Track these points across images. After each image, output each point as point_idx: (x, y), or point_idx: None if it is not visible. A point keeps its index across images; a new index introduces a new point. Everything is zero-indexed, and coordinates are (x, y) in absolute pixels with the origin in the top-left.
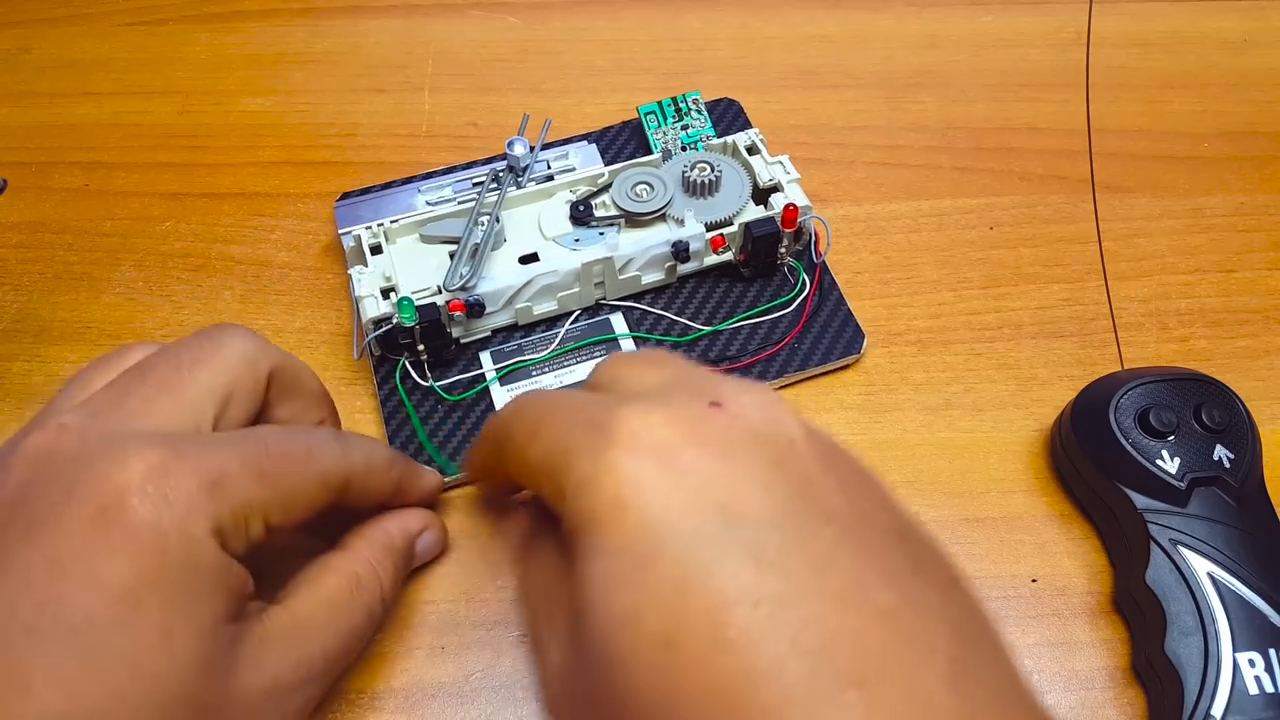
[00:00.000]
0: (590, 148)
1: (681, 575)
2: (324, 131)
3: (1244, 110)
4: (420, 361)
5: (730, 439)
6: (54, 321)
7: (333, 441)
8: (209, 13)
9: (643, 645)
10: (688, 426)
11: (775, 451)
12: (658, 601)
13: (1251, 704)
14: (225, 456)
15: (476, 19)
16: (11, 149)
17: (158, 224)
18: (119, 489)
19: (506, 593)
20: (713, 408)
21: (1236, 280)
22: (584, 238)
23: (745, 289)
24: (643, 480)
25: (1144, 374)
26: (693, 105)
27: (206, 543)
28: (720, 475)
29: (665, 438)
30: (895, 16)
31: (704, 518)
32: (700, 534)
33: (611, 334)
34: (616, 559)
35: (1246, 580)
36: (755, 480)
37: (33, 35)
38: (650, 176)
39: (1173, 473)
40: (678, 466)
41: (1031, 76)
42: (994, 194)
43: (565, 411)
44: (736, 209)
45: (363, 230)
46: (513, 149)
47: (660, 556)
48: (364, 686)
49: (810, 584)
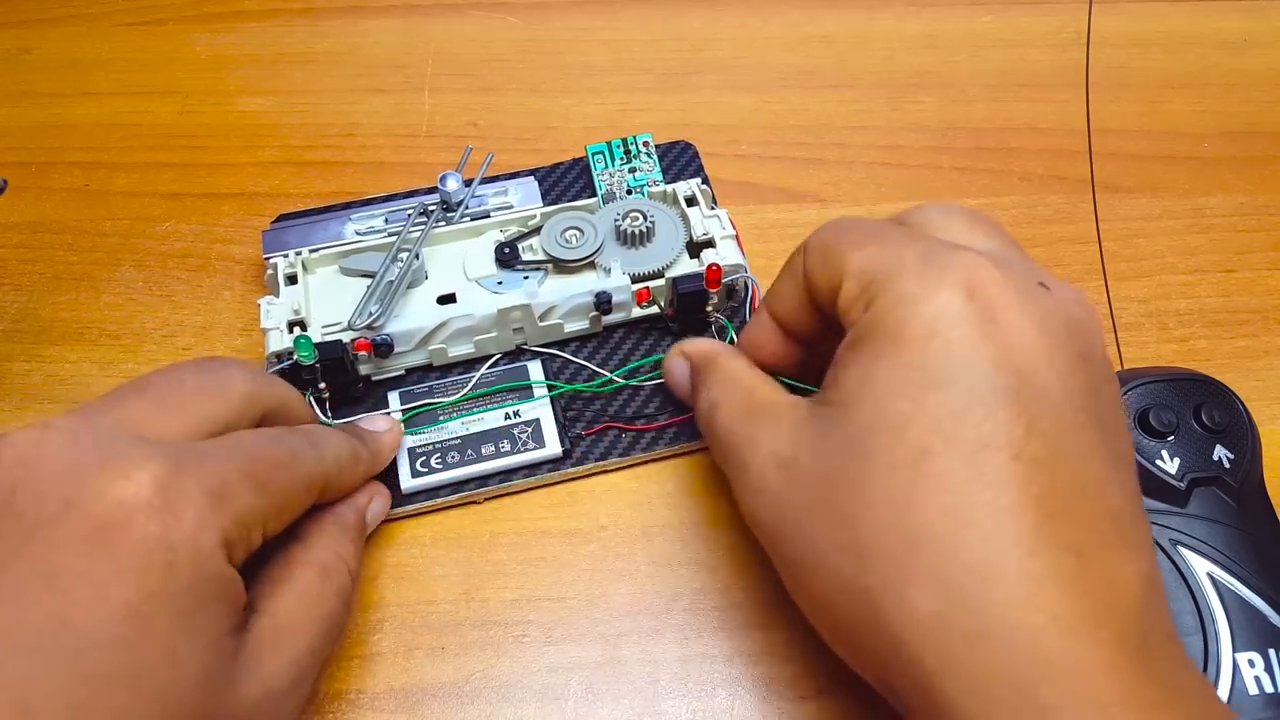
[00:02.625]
0: (532, 185)
1: (961, 407)
2: (324, 131)
3: (1244, 110)
4: (323, 398)
5: (1050, 320)
6: (54, 321)
7: (308, 444)
8: (209, 13)
9: (901, 449)
10: (1017, 294)
11: (1081, 347)
12: (930, 419)
13: (1251, 704)
14: (225, 467)
15: (476, 19)
16: (11, 149)
17: (158, 224)
18: (124, 504)
19: (507, 593)
20: (1041, 287)
21: (1236, 280)
22: (508, 281)
23: (676, 339)
24: (961, 319)
25: (1144, 374)
26: (643, 148)
27: (215, 557)
28: (1030, 345)
29: (995, 294)
30: (895, 16)
31: (1002, 373)
32: (993, 383)
33: (527, 380)
34: (909, 372)
35: (1246, 580)
36: (1056, 364)
37: (33, 35)
38: (582, 222)
39: (1172, 473)
40: (998, 323)
41: (1031, 76)
42: (994, 194)
43: (901, 235)
44: (667, 261)
45: (280, 259)
46: (445, 183)
47: (949, 386)
48: (364, 687)
49: (1066, 466)
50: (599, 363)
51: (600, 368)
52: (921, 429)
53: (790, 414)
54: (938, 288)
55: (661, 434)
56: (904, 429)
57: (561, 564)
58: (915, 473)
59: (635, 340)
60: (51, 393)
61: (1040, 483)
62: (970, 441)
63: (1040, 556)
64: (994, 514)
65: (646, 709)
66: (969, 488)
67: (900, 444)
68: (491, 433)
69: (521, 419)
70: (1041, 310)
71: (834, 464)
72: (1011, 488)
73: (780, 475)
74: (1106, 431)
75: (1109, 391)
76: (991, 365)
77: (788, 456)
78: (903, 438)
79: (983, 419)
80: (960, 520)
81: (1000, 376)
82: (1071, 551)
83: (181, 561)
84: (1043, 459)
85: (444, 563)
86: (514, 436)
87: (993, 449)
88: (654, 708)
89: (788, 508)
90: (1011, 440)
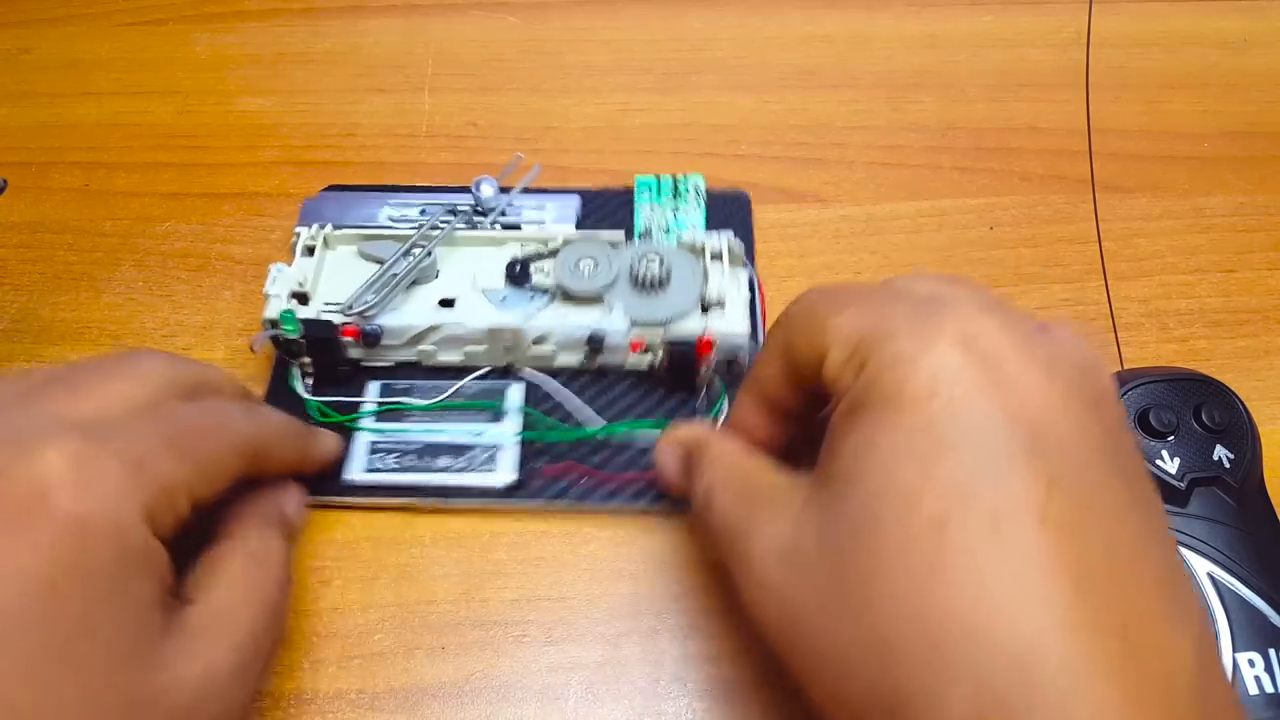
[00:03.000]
0: (572, 205)
1: (975, 471)
2: (324, 131)
3: (1244, 110)
4: (308, 373)
5: (1056, 365)
6: (54, 321)
7: (241, 413)
8: (209, 13)
9: (915, 523)
10: (1018, 340)
11: (1094, 392)
12: (944, 487)
13: (1251, 704)
14: (142, 436)
15: (476, 19)
16: (11, 149)
17: (158, 224)
18: (38, 481)
19: (507, 593)
20: (1039, 331)
21: (1236, 280)
22: (512, 298)
23: (665, 396)
24: (963, 373)
25: (1144, 374)
26: (693, 190)
27: (136, 528)
28: (1040, 394)
29: (995, 344)
30: (895, 16)
31: (1014, 427)
32: (1005, 439)
33: (501, 403)
34: (912, 435)
35: (1246, 580)
36: (1071, 412)
37: (33, 35)
38: (601, 254)
39: (1173, 473)
40: (1002, 373)
41: (1031, 76)
42: (994, 194)
43: (884, 294)
44: (676, 314)
45: (303, 229)
46: (479, 189)
47: (959, 447)
48: (364, 686)
49: (1098, 527)
50: (585, 400)
51: (586, 405)
52: (934, 498)
53: (790, 495)
54: (934, 342)
55: (628, 489)
56: (914, 500)
57: (561, 564)
58: (932, 549)
59: (627, 385)
60: None
61: (1072, 550)
62: (989, 507)
63: (1081, 639)
64: (1025, 592)
65: (646, 709)
66: (994, 562)
67: (912, 517)
68: (452, 446)
69: (483, 440)
70: (1047, 355)
71: (841, 547)
72: (1041, 559)
73: (784, 568)
74: (1133, 484)
75: (1128, 439)
76: (1001, 420)
77: (790, 545)
78: (914, 510)
79: (1000, 481)
80: (990, 603)
81: (1012, 430)
82: (1115, 632)
83: (98, 534)
84: (1070, 522)
85: (444, 563)
86: (471, 455)
87: (1015, 514)
88: (654, 708)
89: (796, 604)
90: (1034, 502)
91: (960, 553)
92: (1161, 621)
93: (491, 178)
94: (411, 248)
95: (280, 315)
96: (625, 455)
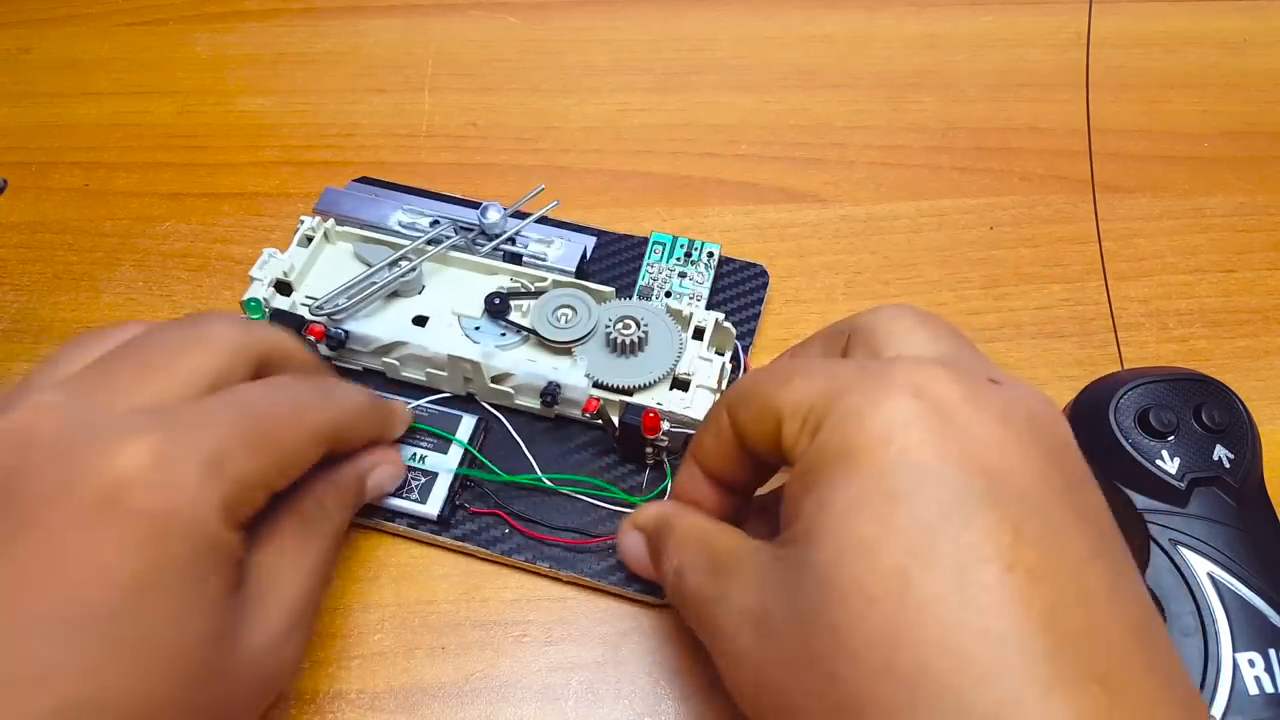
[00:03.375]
0: (581, 245)
1: (935, 519)
2: (324, 131)
3: (1244, 110)
4: None
5: (1010, 414)
6: (54, 321)
7: (317, 394)
8: (209, 13)
9: (875, 578)
10: (969, 390)
11: (1051, 442)
12: (902, 538)
13: (1251, 704)
14: (222, 431)
15: (476, 19)
16: (11, 149)
17: (158, 224)
18: (119, 479)
19: (507, 593)
20: (991, 383)
21: (1236, 280)
22: (485, 330)
23: (617, 462)
24: (915, 422)
25: (1144, 374)
26: (705, 257)
27: (214, 523)
28: (996, 442)
29: (945, 393)
30: (895, 16)
31: (971, 474)
32: (963, 486)
33: (452, 434)
34: (868, 487)
35: (1246, 580)
36: (1028, 459)
37: (33, 35)
38: (583, 305)
39: (1173, 473)
40: (955, 420)
41: (1031, 76)
42: (994, 194)
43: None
44: (642, 382)
45: (306, 218)
46: (485, 213)
47: (917, 497)
48: (364, 686)
49: (1068, 574)
50: (536, 450)
51: (534, 456)
52: (894, 552)
53: (753, 560)
54: (885, 396)
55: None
56: (874, 553)
57: None
58: (897, 604)
59: (584, 441)
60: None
61: (1043, 598)
62: (952, 558)
63: (1060, 693)
64: (998, 645)
65: (646, 709)
66: (962, 615)
67: (873, 571)
68: None
69: (423, 466)
70: (1000, 403)
71: (806, 609)
72: (1011, 609)
73: (753, 635)
74: (1100, 530)
75: (1091, 488)
76: (957, 467)
77: (758, 612)
78: (874, 563)
79: (961, 529)
80: (960, 657)
81: (969, 478)
82: (1095, 681)
83: (181, 530)
84: (1039, 569)
85: (444, 562)
86: (407, 480)
87: (980, 563)
88: (654, 708)
89: (766, 668)
90: (999, 550)
91: (925, 606)
92: (1140, 671)
93: (499, 204)
94: (400, 259)
95: (246, 303)
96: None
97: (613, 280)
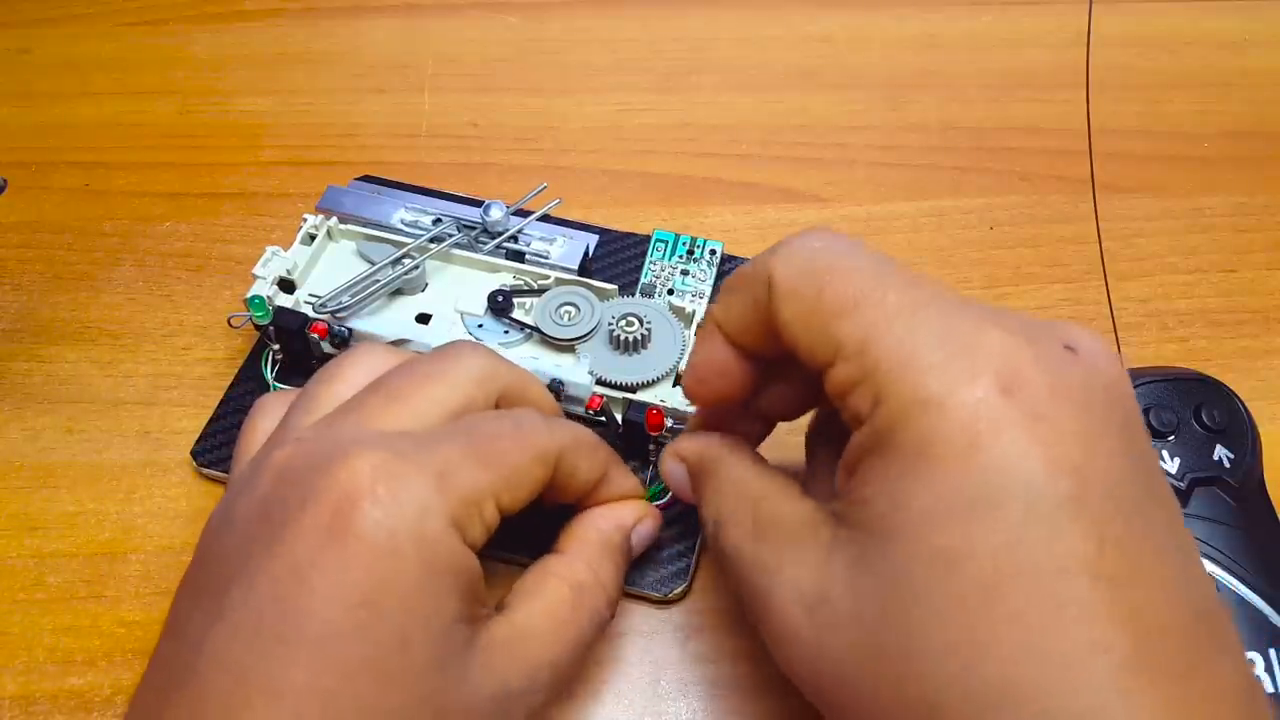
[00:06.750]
0: (584, 243)
1: (1021, 530)
2: (324, 131)
3: (1244, 110)
4: (277, 359)
5: (1091, 395)
6: (54, 321)
7: (539, 418)
8: (209, 13)
9: (957, 587)
10: (1052, 372)
11: (1122, 414)
12: (988, 550)
13: None
14: (444, 447)
15: (476, 19)
16: (11, 149)
17: (158, 224)
18: (349, 494)
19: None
20: (1068, 352)
21: (1236, 280)
22: (488, 328)
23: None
24: (1004, 424)
25: (1144, 374)
26: (708, 255)
27: (444, 539)
28: (1080, 434)
29: (1034, 384)
30: (895, 16)
31: (1059, 480)
32: (1051, 494)
33: None
34: (952, 496)
35: (1246, 580)
36: (1108, 445)
37: (33, 35)
38: (586, 303)
39: (1173, 473)
40: (1041, 416)
41: (1031, 76)
42: (994, 194)
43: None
44: (646, 379)
45: (310, 216)
46: (489, 211)
47: (1002, 508)
48: None
49: (1148, 572)
50: None
51: None
52: (980, 563)
53: (811, 535)
54: (966, 385)
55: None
56: (957, 563)
57: None
58: (979, 615)
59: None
60: (51, 393)
61: (1126, 604)
62: (1040, 569)
63: (1144, 698)
64: (1084, 653)
65: (646, 709)
66: (1051, 624)
67: (955, 581)
68: None
69: None
70: (1082, 386)
71: (877, 605)
72: (1098, 618)
73: (812, 620)
74: (1170, 514)
75: (1154, 459)
76: (1046, 473)
77: (817, 595)
78: (958, 574)
79: (1049, 540)
80: (1044, 668)
81: (1056, 481)
82: (1176, 680)
83: (407, 547)
84: (1123, 575)
85: None
86: None
87: (1068, 574)
88: (654, 708)
89: (829, 660)
90: (1086, 560)
91: (1010, 619)
92: (1211, 661)
93: (503, 203)
94: (403, 257)
95: (250, 300)
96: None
97: (615, 278)
